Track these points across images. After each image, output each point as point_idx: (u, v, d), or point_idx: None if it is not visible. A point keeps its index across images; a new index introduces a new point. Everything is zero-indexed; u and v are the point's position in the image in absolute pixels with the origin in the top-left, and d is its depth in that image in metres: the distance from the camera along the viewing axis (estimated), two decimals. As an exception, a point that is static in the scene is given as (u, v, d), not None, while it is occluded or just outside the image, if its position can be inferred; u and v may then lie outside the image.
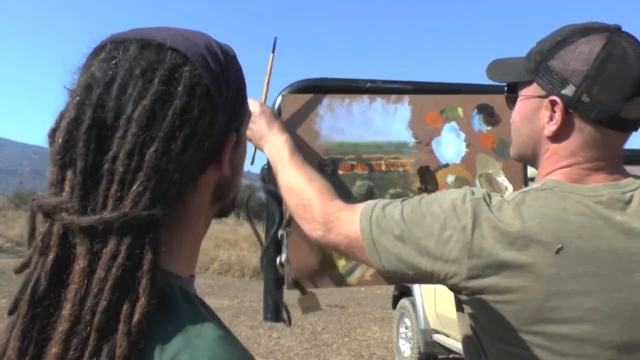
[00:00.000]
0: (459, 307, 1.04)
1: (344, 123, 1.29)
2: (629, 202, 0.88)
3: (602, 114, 0.88)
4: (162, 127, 0.55)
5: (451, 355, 5.52)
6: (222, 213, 0.75)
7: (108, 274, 0.51)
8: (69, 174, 0.54)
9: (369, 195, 1.27)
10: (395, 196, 1.27)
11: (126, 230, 0.52)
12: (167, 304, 0.55)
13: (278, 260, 1.37)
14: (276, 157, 1.17)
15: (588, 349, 0.83)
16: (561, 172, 0.94)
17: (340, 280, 1.29)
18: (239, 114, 0.67)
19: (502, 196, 0.92)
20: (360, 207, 1.01)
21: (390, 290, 7.79)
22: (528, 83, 0.96)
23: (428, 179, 1.29)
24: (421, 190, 1.29)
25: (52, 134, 0.56)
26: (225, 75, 0.63)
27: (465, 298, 0.93)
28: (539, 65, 0.93)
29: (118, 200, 0.53)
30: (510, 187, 1.32)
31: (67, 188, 0.54)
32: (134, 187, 0.53)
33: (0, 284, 9.35)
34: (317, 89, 1.70)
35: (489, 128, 1.32)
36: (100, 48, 0.59)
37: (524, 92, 0.98)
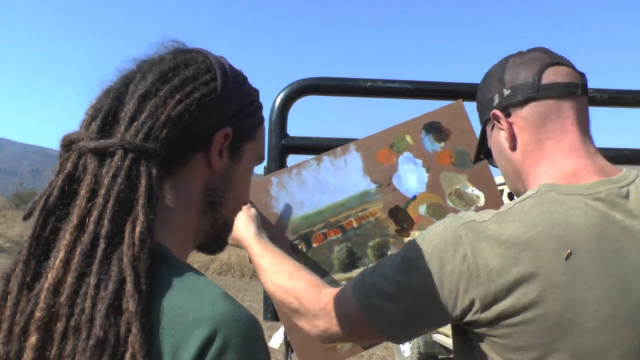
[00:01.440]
0: (464, 347, 0.95)
1: (300, 195, 1.26)
2: (626, 196, 0.87)
3: (526, 89, 0.94)
4: (166, 87, 0.69)
5: (451, 356, 5.51)
6: (214, 244, 0.80)
7: (111, 190, 0.61)
8: (95, 120, 0.67)
9: (350, 256, 1.24)
10: (376, 247, 1.24)
11: (125, 155, 0.63)
12: (165, 266, 0.63)
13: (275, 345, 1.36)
14: (251, 256, 1.18)
15: (613, 358, 0.80)
16: (550, 174, 0.92)
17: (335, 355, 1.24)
18: (241, 122, 0.76)
19: (495, 210, 0.90)
20: (350, 283, 0.97)
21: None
22: (482, 134, 1.08)
23: (402, 218, 1.26)
24: (399, 232, 1.25)
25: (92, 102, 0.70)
26: (232, 84, 0.74)
27: (481, 331, 0.86)
28: (479, 112, 1.07)
29: (122, 134, 0.65)
30: (481, 195, 1.29)
31: (91, 128, 0.66)
32: (134, 124, 0.65)
33: (0, 284, 9.34)
34: (317, 88, 1.70)
35: (442, 145, 1.29)
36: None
37: (488, 139, 1.06)
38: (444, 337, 5.23)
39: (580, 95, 0.95)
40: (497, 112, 0.98)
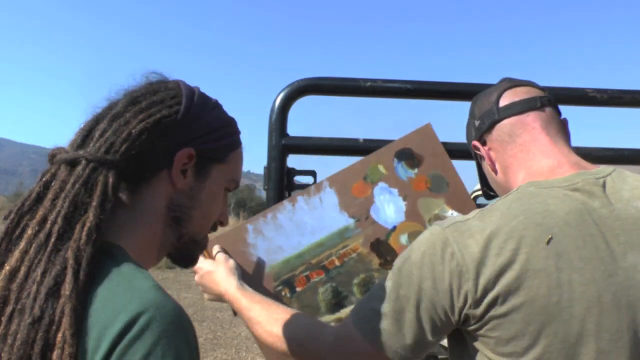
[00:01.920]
0: (456, 347, 0.97)
1: (278, 239, 1.25)
2: (603, 186, 0.90)
3: (489, 115, 1.05)
4: (134, 109, 0.78)
5: (451, 355, 5.51)
6: (181, 256, 0.87)
7: (70, 192, 0.71)
8: (77, 138, 0.78)
9: (336, 296, 1.23)
10: (361, 284, 1.23)
11: (87, 165, 0.73)
12: (111, 262, 0.71)
13: None
14: (238, 310, 1.16)
15: (603, 342, 0.81)
16: (527, 176, 0.99)
17: None
18: (207, 144, 0.83)
19: (478, 210, 0.94)
20: (349, 316, 0.98)
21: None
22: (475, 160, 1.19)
23: (384, 251, 1.25)
24: (383, 265, 1.24)
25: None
26: (198, 109, 0.83)
27: (474, 328, 0.88)
28: (470, 129, 1.14)
29: (90, 147, 0.75)
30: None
31: (72, 144, 0.77)
32: (100, 140, 0.75)
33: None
34: (317, 88, 1.70)
35: (416, 171, 1.28)
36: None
37: (481, 163, 1.16)
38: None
39: (542, 107, 1.02)
40: (476, 143, 1.09)
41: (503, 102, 1.04)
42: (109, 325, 0.64)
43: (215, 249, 1.27)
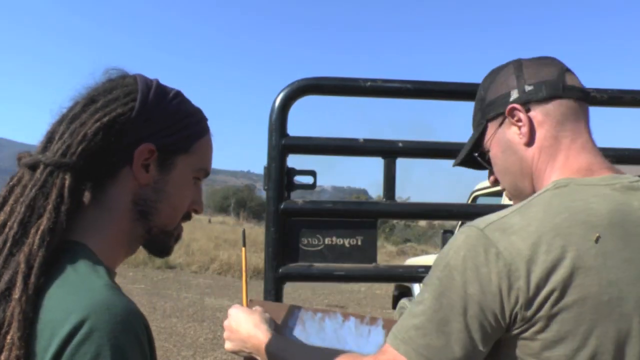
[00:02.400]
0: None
1: (316, 339, 1.21)
2: (638, 189, 0.89)
3: (551, 86, 0.96)
4: (90, 109, 0.80)
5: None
6: (155, 248, 0.88)
7: (27, 197, 0.74)
8: (42, 141, 0.81)
9: None
10: None
11: (44, 169, 0.75)
12: (69, 262, 0.73)
13: None
14: (269, 351, 1.08)
15: None
16: (563, 169, 0.94)
17: None
18: (168, 138, 0.83)
19: (509, 208, 0.90)
20: (389, 341, 0.89)
21: (390, 290, 7.79)
22: (484, 133, 1.06)
23: None
24: None
25: None
26: (154, 104, 0.83)
27: (518, 332, 0.83)
28: (483, 111, 1.05)
29: (49, 151, 0.77)
30: None
31: (38, 148, 0.80)
32: (58, 143, 0.77)
33: (0, 284, 9.36)
34: (317, 88, 1.70)
35: None
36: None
37: (487, 138, 1.05)
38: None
39: (588, 102, 1.00)
40: (517, 106, 0.97)
41: (568, 82, 0.97)
42: (58, 326, 0.65)
43: (256, 306, 1.23)
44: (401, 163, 1.71)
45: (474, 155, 1.08)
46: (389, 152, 1.69)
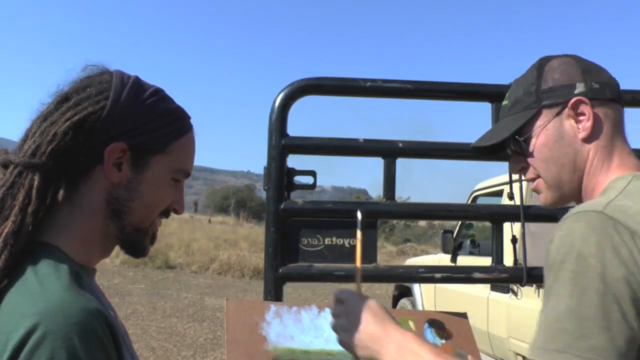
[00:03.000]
0: None
1: (293, 329, 1.23)
2: None
3: (612, 89, 1.00)
4: (62, 108, 0.78)
5: (451, 355, 5.51)
6: (130, 247, 0.86)
7: None
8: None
9: None
10: None
11: (14, 169, 0.75)
12: (32, 263, 0.72)
13: None
14: (402, 348, 0.89)
15: None
16: (621, 168, 0.96)
17: None
18: (141, 137, 0.82)
19: (601, 198, 0.89)
20: (534, 355, 0.79)
21: (390, 290, 7.78)
22: (535, 118, 1.01)
23: None
24: None
25: None
26: (127, 102, 0.81)
27: None
28: (538, 96, 1.01)
29: (21, 151, 0.77)
30: None
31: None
32: (29, 142, 0.77)
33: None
34: (317, 88, 1.70)
35: (444, 341, 1.25)
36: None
37: (538, 124, 1.00)
38: (444, 337, 5.23)
39: None
40: (584, 100, 0.96)
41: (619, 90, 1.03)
42: (13, 330, 0.65)
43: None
44: (401, 163, 1.71)
45: (509, 139, 1.03)
46: (389, 152, 1.69)
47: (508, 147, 1.04)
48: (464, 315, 1.29)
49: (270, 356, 1.20)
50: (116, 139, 0.79)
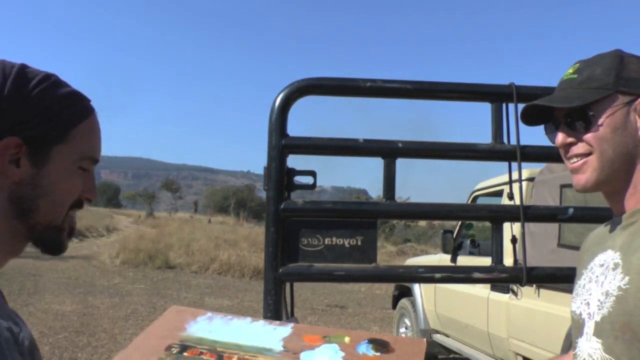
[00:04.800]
0: None
1: (216, 328, 1.23)
2: None
3: None
4: None
5: (451, 355, 5.52)
6: (42, 245, 0.81)
7: None
8: None
9: None
10: None
11: None
12: None
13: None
14: None
15: None
16: None
17: None
18: (35, 128, 0.76)
19: None
20: None
21: (390, 290, 7.78)
22: (607, 99, 1.02)
23: None
24: None
25: None
26: (12, 93, 0.75)
27: None
28: (617, 79, 1.02)
29: None
30: None
31: None
32: None
33: (0, 284, 9.36)
34: (317, 88, 1.70)
35: (377, 354, 1.19)
36: None
37: (610, 107, 1.01)
38: (444, 337, 5.23)
39: None
40: None
41: None
42: None
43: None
44: (401, 163, 1.71)
45: (577, 110, 1.04)
46: (389, 152, 1.69)
47: (566, 120, 1.04)
48: (420, 341, 1.25)
49: (177, 339, 1.19)
50: (8, 133, 0.74)
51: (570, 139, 1.02)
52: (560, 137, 1.04)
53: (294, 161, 1.69)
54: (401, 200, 1.74)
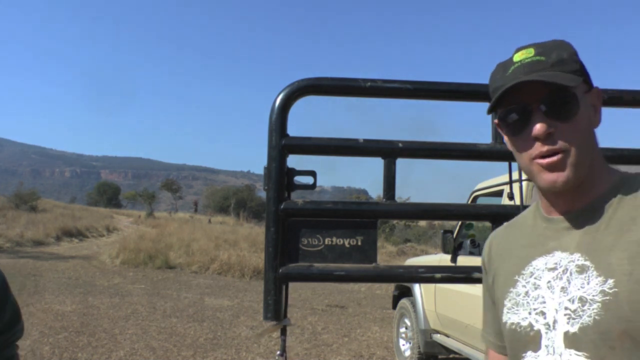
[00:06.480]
0: None
1: None
2: None
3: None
4: None
5: (451, 355, 5.51)
6: None
7: None
8: None
9: None
10: None
11: None
12: None
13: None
14: None
15: None
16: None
17: None
18: None
19: None
20: None
21: (390, 290, 7.78)
22: (581, 86, 0.90)
23: None
24: None
25: None
26: None
27: None
28: (581, 67, 0.91)
29: None
30: None
31: None
32: None
33: (0, 284, 9.35)
34: (317, 88, 1.70)
35: None
36: None
37: (583, 95, 0.91)
38: (444, 337, 5.23)
39: None
40: (599, 91, 0.94)
41: None
42: None
43: None
44: (401, 163, 1.71)
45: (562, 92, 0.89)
46: (389, 152, 1.69)
47: (543, 106, 0.88)
48: None
49: None
50: None
51: (551, 130, 0.86)
52: (540, 126, 0.86)
53: (294, 161, 1.70)
54: (401, 200, 1.74)
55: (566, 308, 0.85)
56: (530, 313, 0.90)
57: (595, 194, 0.90)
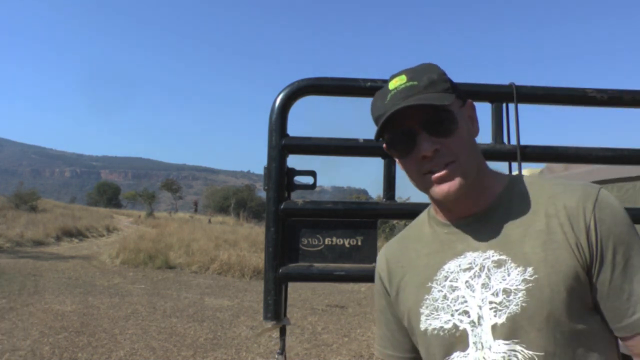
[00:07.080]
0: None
1: None
2: None
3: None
4: None
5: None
6: None
7: None
8: None
9: None
10: None
11: None
12: None
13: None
14: None
15: None
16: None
17: None
18: None
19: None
20: None
21: (390, 290, 7.77)
22: (455, 102, 0.97)
23: None
24: None
25: None
26: None
27: None
28: (451, 84, 0.99)
29: None
30: None
31: None
32: None
33: (0, 284, 9.35)
34: (317, 88, 1.70)
35: None
36: None
37: (459, 109, 0.98)
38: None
39: None
40: (471, 102, 1.03)
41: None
42: None
43: None
44: (401, 163, 1.71)
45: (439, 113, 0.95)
46: (389, 152, 1.69)
47: (426, 127, 0.94)
48: None
49: None
50: None
51: (437, 146, 0.93)
52: (426, 145, 0.93)
53: (294, 161, 1.70)
54: (401, 200, 1.74)
55: (491, 302, 0.90)
56: (452, 315, 0.94)
57: (492, 194, 0.99)
